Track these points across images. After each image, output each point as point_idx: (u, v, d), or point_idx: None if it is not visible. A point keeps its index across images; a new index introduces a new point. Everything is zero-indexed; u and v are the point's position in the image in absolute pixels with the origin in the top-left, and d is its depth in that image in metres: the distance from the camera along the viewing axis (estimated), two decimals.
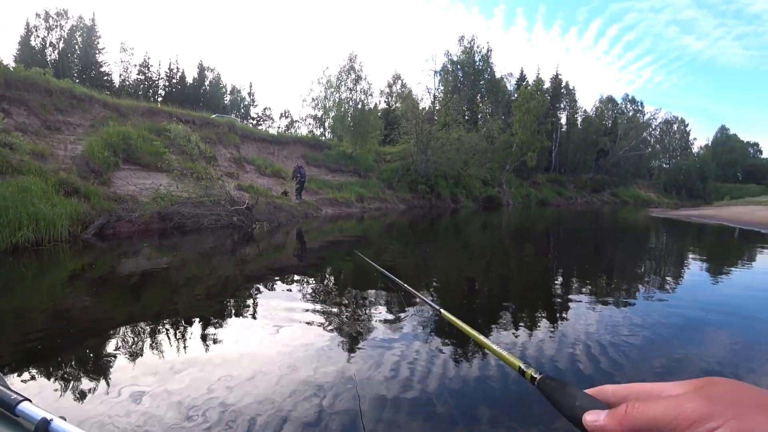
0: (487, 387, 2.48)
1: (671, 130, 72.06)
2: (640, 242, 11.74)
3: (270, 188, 14.75)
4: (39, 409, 0.64)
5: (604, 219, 22.27)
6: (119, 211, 8.77)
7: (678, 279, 6.22)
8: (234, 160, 16.62)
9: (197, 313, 3.96)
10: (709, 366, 3.00)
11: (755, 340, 3.60)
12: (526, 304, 4.80)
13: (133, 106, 15.66)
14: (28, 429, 0.64)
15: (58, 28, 44.43)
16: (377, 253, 7.96)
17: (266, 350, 3.08)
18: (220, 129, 17.63)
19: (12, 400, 0.66)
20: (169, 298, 4.57)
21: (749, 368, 3.04)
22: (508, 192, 34.59)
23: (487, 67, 46.02)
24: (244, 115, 57.52)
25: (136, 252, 7.30)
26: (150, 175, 11.31)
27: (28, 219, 6.65)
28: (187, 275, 5.71)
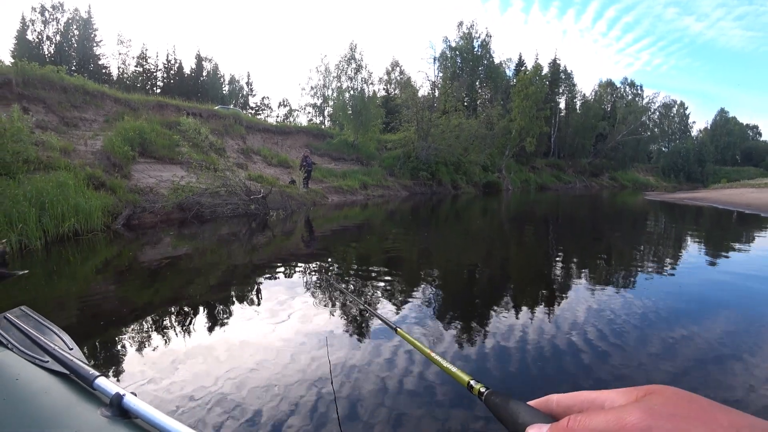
0: (437, 404, 2.39)
1: (670, 113, 72.31)
2: (632, 225, 12.29)
3: (278, 178, 15.24)
4: (113, 384, 0.69)
5: (601, 203, 22.80)
6: (142, 203, 9.32)
7: (658, 261, 6.66)
8: (242, 151, 17.13)
9: (226, 296, 4.47)
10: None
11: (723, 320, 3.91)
12: (521, 288, 5.05)
13: (143, 100, 16.15)
14: (104, 402, 0.68)
15: (54, 21, 44.34)
16: (380, 240, 8.45)
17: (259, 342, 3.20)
18: (226, 121, 18.15)
19: (90, 375, 0.72)
20: (200, 282, 5.08)
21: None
22: (507, 177, 35.09)
23: (486, 53, 46.13)
24: (243, 105, 57.62)
25: (163, 240, 7.84)
26: (165, 168, 11.85)
27: (70, 211, 7.20)
28: (215, 260, 6.24)
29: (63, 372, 0.76)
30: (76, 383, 0.74)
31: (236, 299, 4.28)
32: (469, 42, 45.20)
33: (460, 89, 34.95)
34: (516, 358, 2.99)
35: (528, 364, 2.90)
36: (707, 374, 2.78)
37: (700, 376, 2.76)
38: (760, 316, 3.89)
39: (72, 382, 0.75)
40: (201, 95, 44.79)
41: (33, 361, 0.80)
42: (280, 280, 5.00)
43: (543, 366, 2.90)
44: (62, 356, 0.77)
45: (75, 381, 0.75)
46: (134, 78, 48.06)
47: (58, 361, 0.77)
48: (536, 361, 2.95)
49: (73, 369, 0.74)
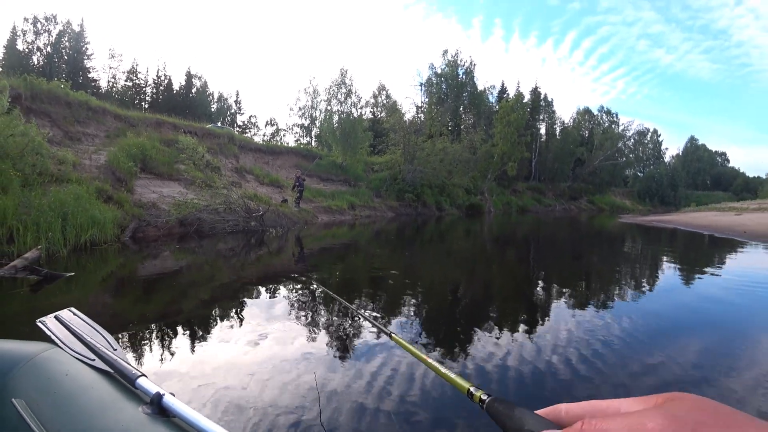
0: (436, 411, 2.38)
1: (644, 140, 75.33)
2: (607, 246, 13.22)
3: (270, 197, 15.83)
4: (154, 385, 0.72)
5: (580, 225, 23.87)
6: (147, 217, 9.84)
7: (628, 278, 7.40)
8: (235, 170, 17.70)
9: (223, 307, 4.92)
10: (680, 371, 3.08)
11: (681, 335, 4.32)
12: (504, 307, 5.14)
13: (141, 117, 16.72)
14: (145, 401, 0.72)
15: (46, 33, 44.58)
16: (366, 259, 8.90)
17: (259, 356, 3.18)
18: (220, 140, 18.73)
19: (132, 374, 0.75)
20: (204, 293, 5.57)
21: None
22: (489, 200, 36.24)
23: (470, 80, 47.94)
24: (231, 123, 58.08)
25: (177, 254, 8.32)
26: (165, 184, 12.40)
27: (89, 222, 7.71)
28: (215, 273, 6.73)
29: (107, 370, 0.81)
30: (119, 381, 0.79)
31: (253, 308, 4.52)
32: (453, 69, 46.98)
33: (445, 114, 36.32)
34: (500, 373, 3.00)
35: (513, 379, 2.90)
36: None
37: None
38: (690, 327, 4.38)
39: (115, 380, 0.79)
40: (189, 112, 45.16)
41: (80, 359, 0.86)
42: (286, 293, 5.44)
43: (530, 381, 2.88)
44: (107, 355, 0.83)
45: (118, 379, 0.79)
46: (123, 92, 48.27)
47: (103, 360, 0.83)
48: (521, 376, 2.94)
49: (117, 368, 0.79)
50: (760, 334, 4.08)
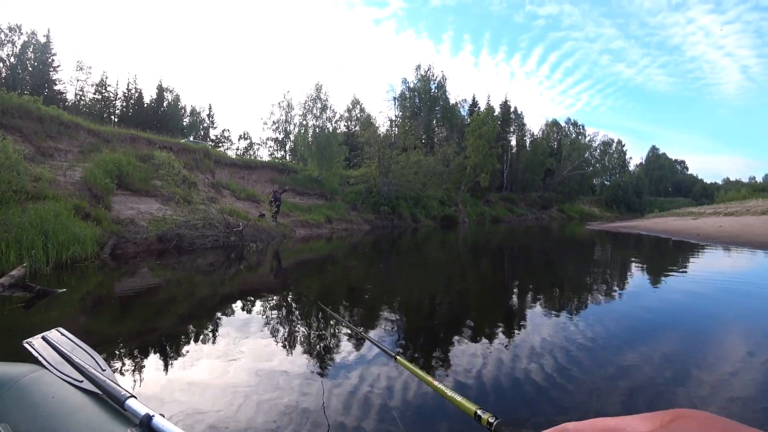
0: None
1: (610, 150, 78.31)
2: (577, 253, 13.87)
3: (248, 211, 15.91)
4: (143, 406, 0.71)
5: (550, 233, 24.72)
6: (125, 234, 9.84)
7: (593, 281, 7.87)
8: (212, 185, 17.70)
9: (207, 322, 5.03)
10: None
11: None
12: (481, 315, 5.23)
13: (115, 133, 16.54)
14: (134, 423, 0.70)
15: (9, 44, 43.30)
16: (343, 271, 9.10)
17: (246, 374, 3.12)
18: (196, 155, 18.71)
19: (122, 395, 0.74)
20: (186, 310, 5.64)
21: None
22: (463, 211, 37.02)
23: (442, 94, 49.12)
24: (204, 137, 57.48)
25: (157, 270, 8.29)
26: (141, 200, 12.36)
27: (70, 239, 7.70)
28: (201, 290, 6.77)
29: (96, 392, 0.80)
30: (107, 403, 0.77)
31: (242, 326, 4.44)
32: (426, 83, 48.06)
33: (418, 128, 37.09)
34: (479, 381, 3.01)
35: (492, 387, 2.93)
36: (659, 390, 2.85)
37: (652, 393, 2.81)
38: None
39: (104, 402, 0.77)
40: (161, 126, 44.48)
41: (68, 381, 0.84)
42: (277, 309, 5.47)
43: (509, 390, 2.90)
44: (95, 377, 0.80)
45: (107, 401, 0.77)
46: (92, 106, 47.19)
47: (91, 381, 0.80)
48: (500, 385, 2.97)
49: (106, 389, 0.77)
50: (712, 328, 4.58)
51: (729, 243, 13.05)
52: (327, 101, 28.64)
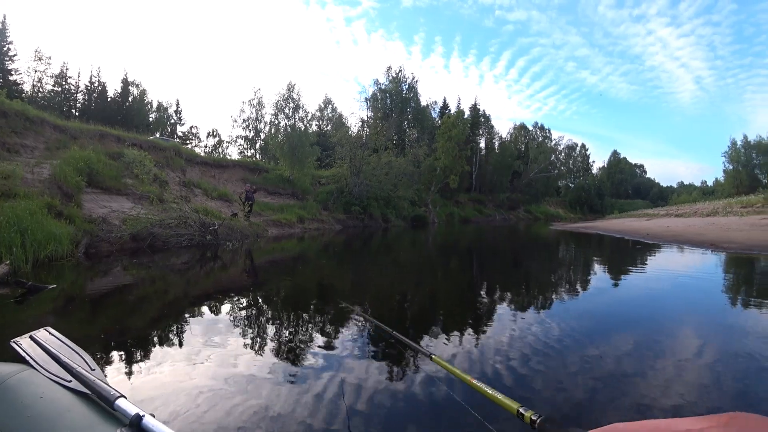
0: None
1: (574, 153, 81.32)
2: (542, 251, 14.64)
3: (220, 211, 15.97)
4: (133, 406, 0.71)
5: (517, 233, 25.68)
6: (99, 232, 9.84)
7: (553, 279, 8.49)
8: (183, 183, 17.60)
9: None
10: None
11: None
12: (449, 311, 5.34)
13: (83, 129, 16.18)
14: (124, 423, 0.70)
15: None
16: (315, 270, 9.27)
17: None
18: (166, 153, 18.53)
19: (111, 395, 0.74)
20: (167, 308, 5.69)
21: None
22: (433, 211, 37.84)
23: (413, 96, 49.91)
24: (171, 134, 56.15)
25: (133, 268, 8.32)
26: (113, 198, 12.26)
27: (47, 238, 7.69)
28: (176, 287, 6.86)
29: (85, 392, 0.79)
30: (97, 403, 0.77)
31: (232, 324, 4.42)
32: (397, 85, 48.72)
33: (390, 129, 37.65)
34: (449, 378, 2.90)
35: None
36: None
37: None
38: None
39: (93, 402, 0.77)
40: (126, 122, 43.17)
41: (56, 381, 0.83)
42: (265, 307, 5.50)
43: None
44: (84, 377, 0.80)
45: (96, 401, 0.77)
46: (51, 98, 45.31)
47: (80, 381, 0.80)
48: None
49: (95, 389, 0.77)
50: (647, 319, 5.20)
51: (672, 241, 14.16)
52: (299, 101, 28.80)
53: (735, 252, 11.06)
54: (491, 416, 2.23)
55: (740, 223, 15.82)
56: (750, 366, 3.24)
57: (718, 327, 4.49)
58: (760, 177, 56.65)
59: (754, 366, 3.24)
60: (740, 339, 3.96)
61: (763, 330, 4.25)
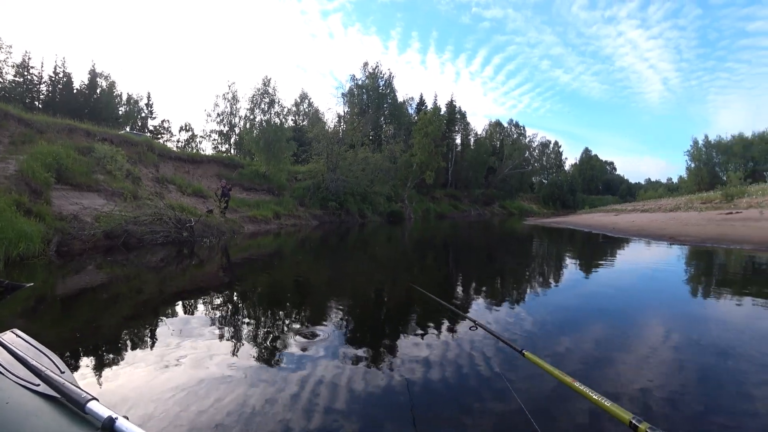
0: None
1: (547, 150, 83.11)
2: (515, 245, 15.09)
3: (195, 207, 15.78)
4: (105, 408, 0.69)
5: (492, 228, 26.25)
6: (70, 230, 9.63)
7: (526, 271, 8.94)
8: (156, 179, 17.28)
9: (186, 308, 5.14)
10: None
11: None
12: (426, 309, 5.18)
13: (50, 122, 15.66)
14: (96, 426, 0.68)
15: None
16: (291, 266, 9.31)
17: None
18: (139, 148, 18.13)
19: (82, 398, 0.71)
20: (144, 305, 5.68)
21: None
22: (409, 207, 38.21)
23: (390, 91, 50.07)
24: (142, 128, 54.65)
25: (107, 266, 8.15)
26: (83, 195, 11.95)
27: (18, 236, 7.50)
28: (160, 286, 6.81)
29: (54, 396, 0.76)
30: (67, 407, 0.74)
31: (205, 322, 4.37)
32: (374, 80, 48.81)
33: (366, 125, 37.73)
34: (425, 372, 2.97)
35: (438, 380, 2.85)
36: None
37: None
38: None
39: (63, 406, 0.75)
40: (94, 115, 41.76)
41: (24, 385, 0.81)
42: (237, 304, 5.53)
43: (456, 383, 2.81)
44: (53, 380, 0.77)
45: (66, 405, 0.75)
46: (11, 89, 43.41)
47: (49, 385, 0.77)
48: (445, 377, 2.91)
49: (65, 393, 0.74)
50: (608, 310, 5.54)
51: (635, 235, 14.88)
52: (275, 95, 28.57)
53: (690, 244, 11.85)
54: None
55: (698, 218, 16.67)
56: (703, 353, 3.57)
57: (675, 315, 4.86)
58: (720, 174, 59.30)
59: (709, 353, 3.56)
60: (692, 325, 4.33)
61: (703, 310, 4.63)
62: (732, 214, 16.42)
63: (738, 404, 2.53)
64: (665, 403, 2.52)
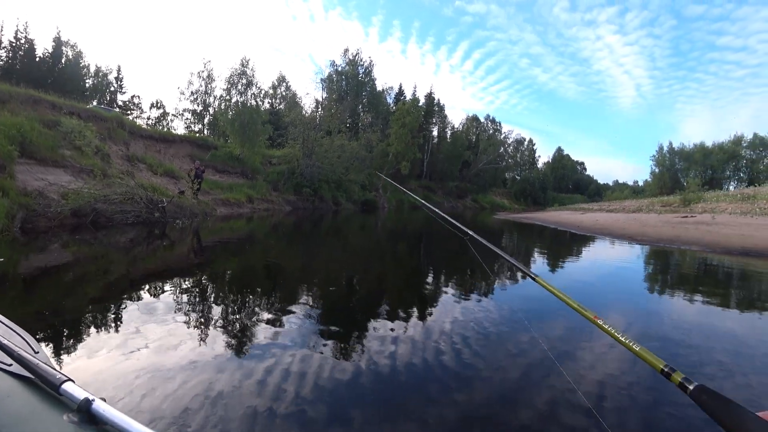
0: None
1: (521, 147, 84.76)
2: (485, 238, 15.47)
3: (167, 188, 15.47)
4: (81, 390, 0.66)
5: (464, 221, 26.78)
6: (36, 207, 9.36)
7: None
8: (126, 158, 16.80)
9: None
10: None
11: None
12: (395, 294, 5.56)
13: (12, 92, 14.90)
14: (71, 408, 0.65)
15: None
16: (264, 251, 9.40)
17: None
18: (109, 124, 17.48)
19: (57, 379, 0.68)
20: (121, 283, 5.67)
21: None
22: (383, 196, 38.42)
23: (369, 80, 49.87)
24: (110, 103, 52.55)
25: (70, 245, 8.05)
26: (49, 171, 11.53)
27: None
28: (115, 266, 6.75)
29: (27, 376, 0.74)
30: (41, 388, 0.72)
31: (180, 302, 4.46)
32: (354, 68, 48.48)
33: (344, 112, 37.55)
34: (390, 356, 3.10)
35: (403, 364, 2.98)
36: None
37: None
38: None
39: (37, 387, 0.72)
40: (58, 86, 39.75)
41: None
42: (209, 286, 5.53)
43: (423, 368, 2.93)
44: (26, 360, 0.74)
45: (40, 386, 0.72)
46: None
47: (22, 365, 0.74)
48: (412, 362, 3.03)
49: (39, 373, 0.72)
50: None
51: (598, 233, 15.64)
52: (253, 77, 28.07)
53: (645, 244, 12.63)
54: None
55: (657, 220, 17.55)
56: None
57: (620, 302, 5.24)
58: (682, 180, 62.14)
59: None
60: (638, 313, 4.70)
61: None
62: (687, 217, 17.37)
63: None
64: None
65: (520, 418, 2.36)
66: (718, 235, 12.36)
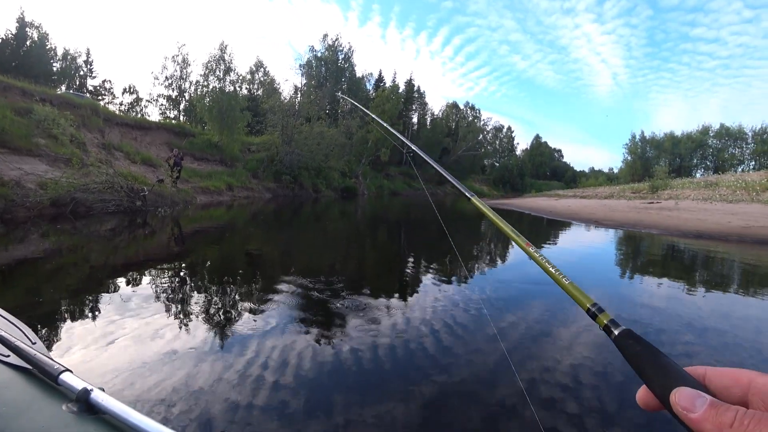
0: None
1: (500, 134, 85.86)
2: (464, 224, 15.91)
3: (145, 176, 15.38)
4: (80, 380, 0.66)
5: (443, 208, 27.25)
6: (14, 197, 9.30)
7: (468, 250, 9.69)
8: (102, 146, 16.55)
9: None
10: None
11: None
12: (375, 279, 5.76)
13: None
14: (70, 398, 0.65)
15: None
16: (244, 239, 9.49)
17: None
18: (83, 111, 17.13)
19: (55, 369, 0.69)
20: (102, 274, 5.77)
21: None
22: (363, 183, 38.69)
23: (348, 66, 49.62)
24: (80, 87, 50.84)
25: (48, 234, 8.09)
26: (24, 160, 11.38)
27: None
28: (96, 256, 6.84)
29: (25, 367, 0.74)
30: (39, 378, 0.72)
31: (176, 291, 4.58)
32: (333, 53, 48.13)
33: (323, 98, 37.42)
34: (373, 339, 3.22)
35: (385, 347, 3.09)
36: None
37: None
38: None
39: (35, 378, 0.72)
40: (23, 69, 38.19)
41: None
42: (199, 274, 5.70)
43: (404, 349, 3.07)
44: (24, 350, 0.75)
45: (38, 376, 0.73)
46: None
47: (20, 356, 0.75)
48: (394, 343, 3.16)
49: (37, 364, 0.72)
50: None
51: (568, 218, 16.41)
52: (231, 63, 27.72)
53: (610, 227, 13.49)
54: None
55: (625, 206, 18.38)
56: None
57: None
58: (653, 168, 64.24)
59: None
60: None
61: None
62: (653, 203, 18.24)
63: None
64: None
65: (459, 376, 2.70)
66: (678, 219, 13.16)
